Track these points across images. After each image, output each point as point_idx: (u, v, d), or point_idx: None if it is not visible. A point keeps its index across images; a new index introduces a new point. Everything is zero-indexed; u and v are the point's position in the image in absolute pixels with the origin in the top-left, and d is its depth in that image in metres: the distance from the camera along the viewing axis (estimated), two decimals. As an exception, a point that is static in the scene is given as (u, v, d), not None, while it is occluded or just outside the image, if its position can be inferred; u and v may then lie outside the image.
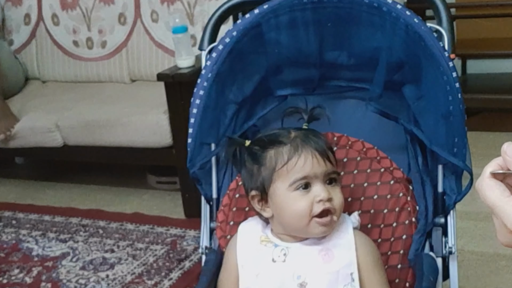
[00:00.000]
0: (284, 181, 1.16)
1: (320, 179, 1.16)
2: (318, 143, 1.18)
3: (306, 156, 1.16)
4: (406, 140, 1.36)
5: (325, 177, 1.16)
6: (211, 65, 1.33)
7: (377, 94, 1.30)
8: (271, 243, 1.21)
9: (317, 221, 1.14)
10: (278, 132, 1.23)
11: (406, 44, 1.23)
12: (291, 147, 1.17)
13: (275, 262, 1.19)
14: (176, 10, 3.06)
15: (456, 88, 1.20)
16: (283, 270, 1.18)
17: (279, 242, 1.21)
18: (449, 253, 1.28)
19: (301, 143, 1.17)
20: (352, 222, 1.22)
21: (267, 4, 1.28)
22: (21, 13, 3.53)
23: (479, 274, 2.07)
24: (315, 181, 1.15)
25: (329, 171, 1.17)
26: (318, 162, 1.16)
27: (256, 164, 1.20)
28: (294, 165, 1.15)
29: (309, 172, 1.15)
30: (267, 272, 1.19)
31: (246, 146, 1.24)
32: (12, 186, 3.37)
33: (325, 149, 1.18)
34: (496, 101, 3.30)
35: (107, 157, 3.00)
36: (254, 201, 1.23)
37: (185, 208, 2.75)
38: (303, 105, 1.32)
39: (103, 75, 3.35)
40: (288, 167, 1.16)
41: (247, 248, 1.24)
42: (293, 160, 1.16)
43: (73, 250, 2.56)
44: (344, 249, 1.17)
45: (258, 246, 1.22)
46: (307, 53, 1.32)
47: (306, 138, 1.18)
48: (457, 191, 1.29)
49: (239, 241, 1.25)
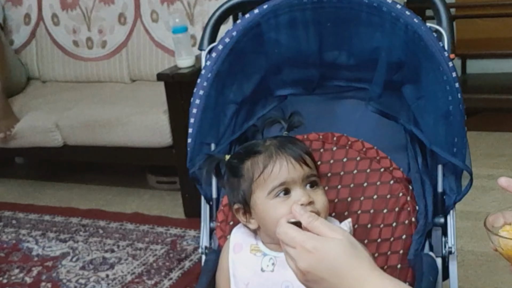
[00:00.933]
0: (263, 190, 1.15)
1: (299, 184, 1.15)
2: (292, 148, 1.17)
3: (281, 162, 1.15)
4: (406, 140, 1.36)
5: (304, 181, 1.15)
6: (211, 65, 1.33)
7: (376, 94, 1.30)
8: (260, 252, 1.21)
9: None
10: (254, 143, 1.23)
11: (405, 44, 1.23)
12: (265, 155, 1.17)
13: (264, 271, 1.19)
14: (176, 10, 3.07)
15: (455, 88, 1.20)
16: (272, 280, 1.17)
17: (268, 251, 1.20)
18: (449, 253, 1.28)
19: (276, 150, 1.17)
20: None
21: (267, 4, 1.28)
22: (21, 13, 3.53)
23: (478, 274, 2.07)
24: (294, 186, 1.14)
25: (307, 175, 1.16)
26: (294, 167, 1.15)
27: (235, 177, 1.20)
28: (270, 173, 1.15)
29: (286, 177, 1.14)
30: (256, 282, 1.19)
31: (226, 160, 1.24)
32: (12, 186, 3.37)
33: (300, 153, 1.17)
34: (496, 101, 3.30)
35: (107, 157, 3.00)
36: (239, 214, 1.23)
37: (185, 208, 2.75)
38: (281, 114, 1.32)
39: (103, 75, 3.35)
40: (265, 176, 1.15)
41: (238, 256, 1.23)
42: (269, 168, 1.15)
43: (73, 250, 2.56)
44: None
45: (248, 255, 1.22)
46: (307, 53, 1.32)
47: (280, 145, 1.18)
48: (456, 191, 1.29)
49: (231, 248, 1.25)
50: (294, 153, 1.16)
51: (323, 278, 0.87)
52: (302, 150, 1.18)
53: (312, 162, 1.19)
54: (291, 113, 1.30)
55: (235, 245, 1.25)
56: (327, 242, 0.88)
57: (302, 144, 1.22)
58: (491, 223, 0.92)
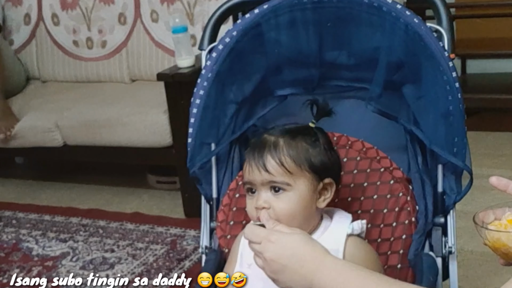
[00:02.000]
0: None
1: (261, 186, 1.16)
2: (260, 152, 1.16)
3: (248, 163, 1.18)
4: (406, 140, 1.36)
5: (266, 185, 1.16)
6: (211, 65, 1.33)
7: (376, 94, 1.30)
8: None
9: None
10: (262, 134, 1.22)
11: (406, 44, 1.23)
12: (249, 151, 1.19)
13: None
14: (176, 10, 3.07)
15: (456, 88, 1.20)
16: None
17: None
18: (449, 252, 1.28)
19: (252, 150, 1.18)
20: (352, 229, 1.19)
21: (267, 4, 1.28)
22: (21, 13, 3.53)
23: (478, 274, 2.07)
24: (257, 187, 1.17)
25: (267, 180, 1.15)
26: (253, 171, 1.16)
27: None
28: (244, 170, 1.19)
29: (248, 178, 1.17)
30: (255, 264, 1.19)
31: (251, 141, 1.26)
32: (12, 186, 3.37)
33: (263, 160, 1.15)
34: (496, 101, 3.30)
35: (107, 157, 3.01)
36: None
37: (185, 208, 2.75)
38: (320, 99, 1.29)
39: (103, 75, 3.35)
40: (243, 170, 1.20)
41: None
42: (244, 164, 1.19)
43: (73, 250, 2.56)
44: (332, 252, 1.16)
45: None
46: (307, 53, 1.32)
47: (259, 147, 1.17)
48: (456, 191, 1.29)
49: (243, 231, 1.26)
50: (256, 158, 1.16)
51: (286, 265, 1.00)
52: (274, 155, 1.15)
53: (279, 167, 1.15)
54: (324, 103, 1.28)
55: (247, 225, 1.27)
56: (288, 235, 1.05)
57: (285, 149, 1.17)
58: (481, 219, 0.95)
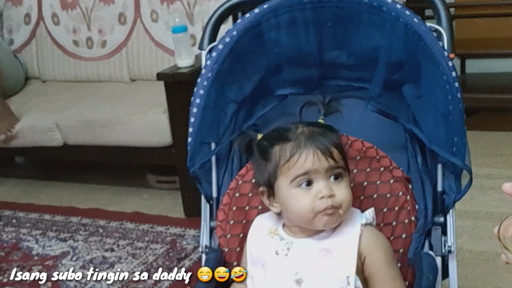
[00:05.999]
0: (286, 178, 1.17)
1: (322, 175, 1.15)
2: (321, 140, 1.17)
3: (307, 154, 1.15)
4: (406, 139, 1.36)
5: (328, 173, 1.16)
6: (211, 65, 1.33)
7: (376, 93, 1.31)
8: (277, 236, 1.23)
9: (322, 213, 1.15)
10: (287, 127, 1.23)
11: (405, 43, 1.23)
12: (294, 144, 1.17)
13: (278, 255, 1.21)
14: (176, 9, 3.07)
15: (455, 88, 1.20)
16: (284, 264, 1.19)
17: (285, 236, 1.22)
18: (448, 252, 1.28)
19: (305, 140, 1.17)
20: (366, 218, 1.22)
21: (267, 3, 1.29)
22: (21, 13, 3.53)
23: (478, 273, 2.07)
24: (317, 177, 1.15)
25: (332, 166, 1.16)
26: (320, 160, 1.15)
27: (263, 159, 1.21)
28: (295, 162, 1.16)
29: (310, 168, 1.15)
30: (270, 264, 1.20)
31: (257, 140, 1.25)
32: (12, 185, 3.37)
33: (328, 146, 1.17)
34: (495, 101, 3.30)
35: (107, 156, 3.00)
36: (264, 197, 1.24)
37: (185, 207, 2.75)
38: (321, 97, 1.32)
39: (103, 75, 3.35)
40: (290, 164, 1.16)
41: (257, 237, 1.26)
42: (295, 158, 1.16)
43: (73, 249, 2.57)
44: (344, 252, 1.17)
45: (267, 237, 1.24)
46: (307, 52, 1.33)
47: (310, 136, 1.18)
48: (456, 190, 1.30)
49: (251, 230, 1.28)
50: (322, 146, 1.16)
51: None
52: (331, 142, 1.18)
53: (339, 154, 1.19)
54: (330, 99, 1.31)
55: (256, 227, 1.28)
56: None
57: (333, 135, 1.21)
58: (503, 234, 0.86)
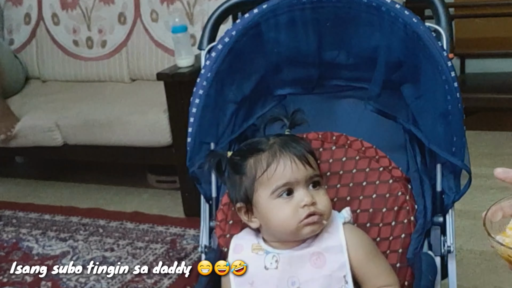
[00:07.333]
0: (266, 189, 1.16)
1: (302, 184, 1.15)
2: (296, 148, 1.17)
3: (285, 162, 1.16)
4: (405, 139, 1.36)
5: (308, 181, 1.16)
6: (210, 65, 1.33)
7: (375, 93, 1.31)
8: (262, 251, 1.21)
9: (304, 222, 1.15)
10: (258, 140, 1.23)
11: (404, 43, 1.23)
12: (269, 154, 1.17)
13: (267, 269, 1.19)
14: (176, 9, 3.07)
15: (454, 88, 1.20)
16: (277, 276, 1.18)
17: (271, 249, 1.21)
18: (448, 252, 1.28)
19: (279, 149, 1.17)
20: (344, 217, 1.22)
21: (266, 3, 1.29)
22: (21, 13, 3.53)
23: (477, 273, 2.07)
24: (297, 186, 1.15)
25: (310, 175, 1.16)
26: (298, 167, 1.15)
27: (237, 174, 1.21)
28: (274, 172, 1.15)
29: (289, 177, 1.15)
30: (260, 280, 1.19)
31: (228, 157, 1.25)
32: (12, 185, 3.37)
33: (304, 153, 1.17)
34: (495, 101, 3.30)
35: (107, 156, 3.01)
36: (241, 213, 1.23)
37: (184, 207, 2.75)
38: (284, 111, 1.33)
39: (103, 75, 3.35)
40: (268, 174, 1.16)
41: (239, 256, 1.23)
42: (272, 167, 1.16)
43: (73, 249, 2.57)
44: (335, 252, 1.17)
45: (250, 254, 1.22)
46: (306, 52, 1.33)
47: (284, 144, 1.18)
48: (455, 190, 1.29)
49: (230, 254, 1.25)
50: (298, 152, 1.17)
51: None
52: (305, 149, 1.19)
53: (315, 161, 1.20)
54: (293, 111, 1.31)
55: (236, 246, 1.26)
56: None
57: (305, 143, 1.22)
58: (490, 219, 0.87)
